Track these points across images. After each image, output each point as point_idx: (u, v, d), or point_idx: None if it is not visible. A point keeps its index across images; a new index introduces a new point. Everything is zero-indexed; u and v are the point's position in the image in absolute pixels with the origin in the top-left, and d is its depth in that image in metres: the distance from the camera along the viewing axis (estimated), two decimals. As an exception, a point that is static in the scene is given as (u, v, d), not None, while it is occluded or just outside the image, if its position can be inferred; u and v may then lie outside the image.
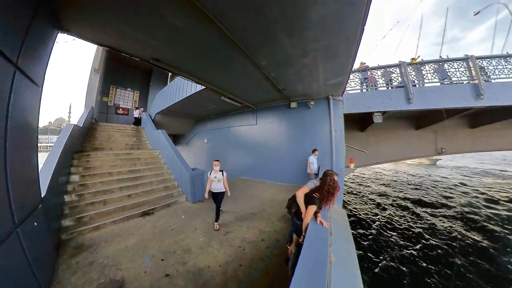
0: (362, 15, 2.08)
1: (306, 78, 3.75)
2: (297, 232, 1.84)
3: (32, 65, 1.67)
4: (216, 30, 2.18)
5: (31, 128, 1.75)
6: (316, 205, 1.71)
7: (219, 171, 3.05)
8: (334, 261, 1.65)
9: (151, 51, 2.76)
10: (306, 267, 1.16)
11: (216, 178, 3.00)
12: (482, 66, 5.36)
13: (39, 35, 1.76)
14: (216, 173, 3.03)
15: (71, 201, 3.24)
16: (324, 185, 1.72)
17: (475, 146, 7.63)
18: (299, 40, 2.46)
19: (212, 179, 3.01)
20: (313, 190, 1.80)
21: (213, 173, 3.04)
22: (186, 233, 2.79)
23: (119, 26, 2.20)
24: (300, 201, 1.79)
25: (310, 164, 4.65)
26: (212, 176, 3.02)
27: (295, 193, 1.98)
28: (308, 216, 1.70)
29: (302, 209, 1.77)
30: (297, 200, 1.81)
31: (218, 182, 3.01)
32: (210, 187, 3.04)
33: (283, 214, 3.39)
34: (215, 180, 3.00)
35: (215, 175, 3.02)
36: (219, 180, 3.00)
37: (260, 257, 2.23)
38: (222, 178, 3.03)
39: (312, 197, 1.73)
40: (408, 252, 5.03)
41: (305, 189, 1.86)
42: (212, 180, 3.01)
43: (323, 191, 1.71)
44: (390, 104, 5.52)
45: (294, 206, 1.89)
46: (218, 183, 3.01)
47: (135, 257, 2.25)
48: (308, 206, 1.72)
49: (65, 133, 3.92)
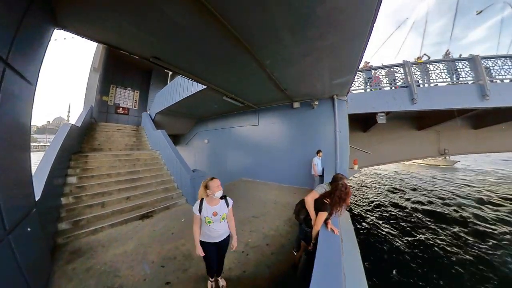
0: (372, 13, 1.98)
1: (311, 77, 3.66)
2: (306, 239, 1.75)
3: (24, 62, 1.57)
4: (219, 26, 2.09)
5: (23, 127, 1.65)
6: (327, 212, 1.62)
7: (220, 200, 1.56)
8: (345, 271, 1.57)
9: (151, 48, 2.66)
10: (322, 283, 1.07)
11: (217, 216, 1.50)
12: (487, 66, 5.28)
13: (32, 30, 1.67)
14: (214, 204, 1.52)
15: (68, 204, 3.13)
16: (335, 190, 1.62)
17: (478, 147, 7.58)
18: (304, 38, 2.36)
19: (209, 218, 1.48)
20: (323, 196, 1.71)
21: (207, 206, 1.51)
22: (187, 238, 2.69)
23: (118, 22, 2.11)
24: (310, 207, 1.69)
25: (315, 165, 4.56)
26: (207, 212, 1.49)
27: (303, 198, 1.89)
28: (319, 223, 1.60)
29: (312, 215, 1.68)
30: (307, 206, 1.72)
31: (221, 221, 1.54)
32: (202, 233, 1.55)
33: (288, 218, 3.29)
34: (214, 221, 1.50)
35: (213, 209, 1.50)
36: (222, 219, 1.54)
37: (265, 263, 2.13)
38: (227, 212, 1.58)
39: (323, 203, 1.64)
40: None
41: (315, 194, 1.77)
42: (209, 222, 1.48)
43: (334, 197, 1.61)
44: (394, 104, 5.44)
45: (302, 212, 1.79)
46: (219, 225, 1.54)
47: (134, 263, 2.15)
48: (319, 212, 1.63)
49: (62, 133, 3.81)
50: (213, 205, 1.54)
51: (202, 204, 1.52)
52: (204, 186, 1.53)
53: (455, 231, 6.20)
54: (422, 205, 8.86)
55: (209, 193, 1.50)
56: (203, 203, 1.52)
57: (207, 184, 1.52)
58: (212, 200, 1.54)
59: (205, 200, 1.54)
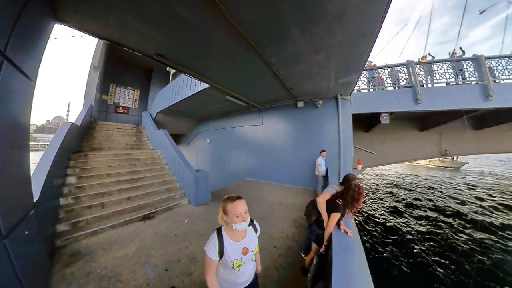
0: (383, 9, 1.93)
1: (317, 76, 3.60)
2: (317, 242, 1.68)
3: (23, 57, 1.49)
4: (226, 22, 2.02)
5: (22, 125, 1.56)
6: (340, 212, 1.55)
7: (247, 229, 1.04)
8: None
9: (156, 45, 2.59)
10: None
11: (248, 254, 0.99)
12: (490, 66, 5.27)
13: (32, 23, 1.59)
14: (241, 238, 1.01)
15: (67, 204, 3.04)
16: (348, 190, 1.56)
17: (480, 148, 7.57)
18: (312, 35, 2.30)
19: (239, 261, 0.96)
20: (335, 196, 1.65)
21: (231, 243, 0.97)
22: (191, 240, 2.61)
23: (122, 16, 2.04)
24: (322, 208, 1.63)
25: (318, 165, 4.50)
26: (234, 252, 0.96)
27: (313, 199, 1.83)
28: (332, 224, 1.54)
29: (324, 216, 1.61)
30: (318, 207, 1.65)
31: (253, 259, 1.05)
32: (223, 281, 1.00)
33: (293, 219, 3.23)
34: (245, 261, 0.99)
35: (241, 245, 0.99)
36: (254, 255, 1.05)
37: (273, 266, 2.06)
38: (255, 248, 1.05)
39: (335, 204, 1.57)
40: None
41: (326, 195, 1.70)
42: (239, 266, 0.96)
43: (347, 197, 1.55)
44: (398, 104, 5.41)
45: (314, 213, 1.73)
46: (250, 264, 1.06)
47: (136, 266, 2.06)
48: (331, 213, 1.56)
49: (61, 132, 3.71)
50: (240, 238, 1.00)
51: (222, 241, 0.95)
52: (223, 211, 0.98)
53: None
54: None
55: (236, 222, 0.93)
56: (222, 239, 0.95)
57: (225, 207, 0.96)
58: (235, 232, 0.98)
59: (225, 232, 0.98)
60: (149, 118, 7.69)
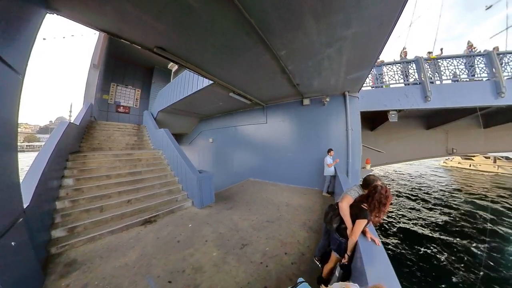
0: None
1: (326, 71, 3.42)
2: (339, 251, 1.50)
3: (8, 47, 1.32)
4: (234, 10, 1.85)
5: (9, 122, 1.39)
6: (366, 219, 1.38)
7: None
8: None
9: (157, 37, 2.40)
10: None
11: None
12: (501, 62, 5.08)
13: (18, 11, 1.42)
14: None
15: (63, 208, 2.86)
16: (374, 193, 1.38)
17: (487, 146, 7.40)
18: (327, 25, 2.13)
19: None
20: (359, 200, 1.47)
21: None
22: (196, 246, 2.43)
23: (120, 4, 1.86)
24: (346, 215, 1.45)
25: (331, 165, 4.31)
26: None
27: (332, 203, 1.65)
28: (357, 232, 1.36)
29: (348, 224, 1.43)
30: (342, 214, 1.47)
31: None
32: None
33: (303, 222, 3.05)
34: None
35: None
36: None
37: (287, 275, 1.88)
38: None
39: (361, 209, 1.40)
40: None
41: (349, 199, 1.52)
42: None
43: (373, 201, 1.37)
44: (407, 102, 5.22)
45: (336, 220, 1.54)
46: None
47: (137, 277, 1.89)
48: (357, 220, 1.38)
49: (58, 132, 3.53)
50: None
51: None
52: None
53: None
54: None
55: None
56: None
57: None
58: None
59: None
60: (150, 117, 7.51)
